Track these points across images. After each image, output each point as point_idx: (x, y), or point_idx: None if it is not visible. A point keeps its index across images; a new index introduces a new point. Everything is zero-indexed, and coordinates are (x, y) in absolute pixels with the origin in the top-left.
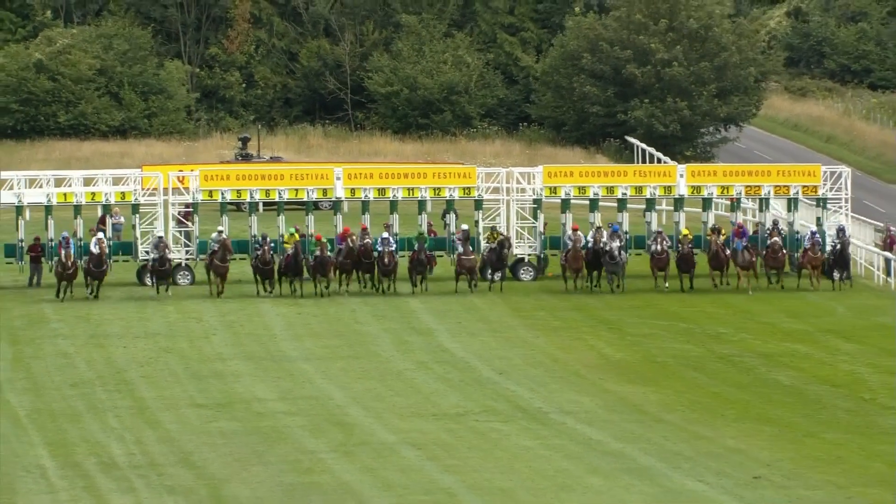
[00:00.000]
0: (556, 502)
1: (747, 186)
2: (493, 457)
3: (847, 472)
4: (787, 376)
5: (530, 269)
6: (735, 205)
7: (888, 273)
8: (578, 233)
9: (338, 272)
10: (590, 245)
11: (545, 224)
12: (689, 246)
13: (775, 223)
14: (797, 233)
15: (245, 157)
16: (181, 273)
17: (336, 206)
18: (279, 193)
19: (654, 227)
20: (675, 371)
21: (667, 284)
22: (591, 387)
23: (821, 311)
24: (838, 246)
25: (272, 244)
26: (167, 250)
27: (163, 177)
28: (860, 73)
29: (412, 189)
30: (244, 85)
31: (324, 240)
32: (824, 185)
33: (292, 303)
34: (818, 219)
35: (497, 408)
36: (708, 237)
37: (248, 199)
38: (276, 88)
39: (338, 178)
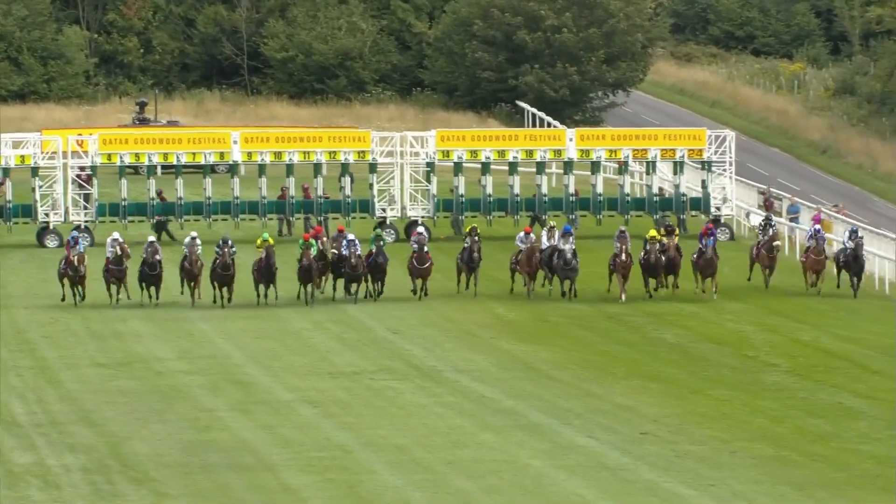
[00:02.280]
0: (450, 458)
1: (635, 150)
2: (388, 414)
3: (731, 428)
4: (674, 335)
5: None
6: (623, 168)
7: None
8: (531, 235)
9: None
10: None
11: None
12: (660, 249)
13: (768, 219)
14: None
15: (142, 122)
16: (81, 235)
17: (233, 169)
18: (177, 157)
19: (544, 189)
20: (565, 330)
21: (623, 297)
22: (484, 346)
23: None
24: (850, 248)
25: (233, 249)
26: (157, 255)
27: (62, 140)
28: (744, 39)
29: (308, 153)
30: (142, 50)
31: (311, 241)
32: (709, 148)
33: None
34: (703, 181)
35: (392, 366)
36: (651, 238)
37: (147, 163)
38: (174, 54)
39: (235, 142)
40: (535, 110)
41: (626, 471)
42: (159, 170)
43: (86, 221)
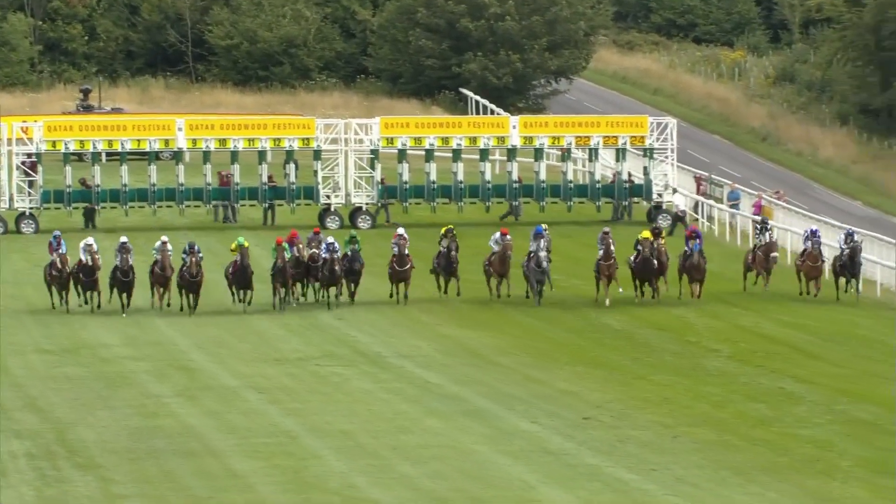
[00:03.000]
0: (395, 444)
1: (578, 137)
2: (334, 400)
3: (673, 413)
4: (618, 321)
5: (368, 217)
6: (566, 155)
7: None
8: (508, 237)
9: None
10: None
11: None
12: (651, 248)
13: (764, 222)
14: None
15: (86, 109)
16: (25, 222)
17: (177, 156)
18: (122, 144)
19: (488, 176)
20: (510, 316)
21: (608, 302)
22: (428, 332)
23: None
24: (847, 251)
25: (200, 255)
26: (130, 261)
27: (7, 127)
28: (685, 27)
29: (252, 140)
30: (87, 38)
31: (284, 245)
32: (651, 135)
33: (136, 251)
34: (645, 168)
35: (337, 353)
36: (646, 238)
37: (92, 150)
38: (119, 41)
39: (179, 129)
40: (478, 98)
41: (569, 455)
42: (104, 157)
43: (30, 208)
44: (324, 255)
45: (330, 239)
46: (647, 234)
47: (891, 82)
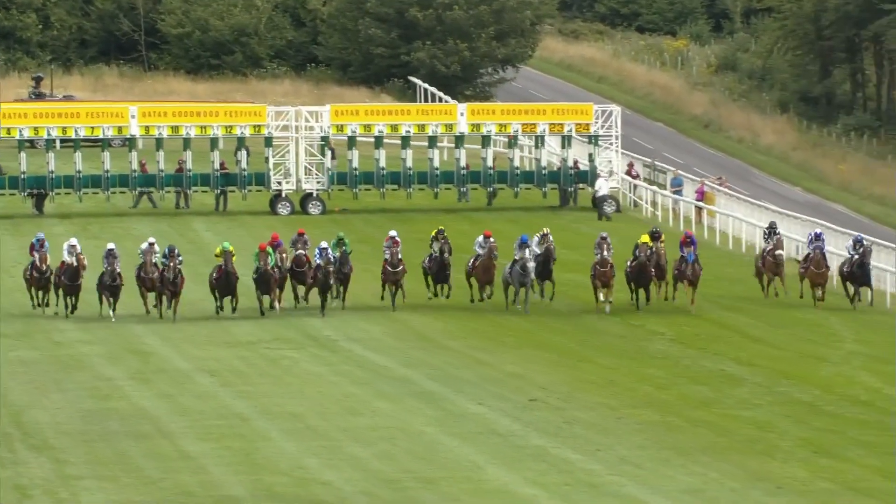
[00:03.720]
0: (345, 426)
1: (524, 124)
2: (284, 383)
3: (618, 395)
4: (564, 304)
5: (318, 203)
6: (513, 142)
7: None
8: (491, 240)
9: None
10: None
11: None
12: (648, 254)
13: (773, 225)
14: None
15: (38, 96)
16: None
17: (131, 143)
18: (76, 131)
19: (436, 163)
20: (459, 301)
21: (608, 308)
22: (378, 316)
23: (592, 242)
24: (856, 257)
25: (180, 259)
26: (117, 266)
27: None
28: (629, 16)
29: (205, 127)
30: (41, 26)
31: (268, 250)
32: (596, 122)
33: (90, 236)
34: (590, 155)
35: (288, 336)
36: (645, 243)
37: (46, 137)
38: (73, 30)
39: (133, 117)
40: (426, 85)
41: (516, 437)
42: (58, 144)
43: None
44: (317, 261)
45: (323, 244)
46: (645, 238)
47: (830, 71)
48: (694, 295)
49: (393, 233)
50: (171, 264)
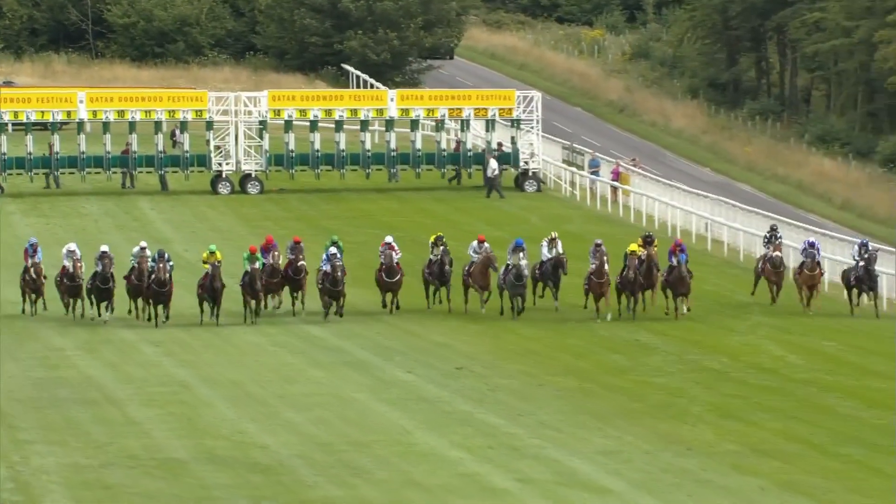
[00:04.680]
0: (281, 393)
1: (451, 109)
2: (225, 352)
3: (538, 363)
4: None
5: (257, 183)
6: (440, 126)
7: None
8: (486, 245)
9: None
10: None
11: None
12: (637, 265)
13: (774, 228)
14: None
15: None
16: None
17: (79, 126)
18: (27, 115)
19: (368, 145)
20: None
21: (609, 316)
22: (313, 289)
23: (517, 220)
24: (861, 262)
25: (171, 264)
26: (111, 268)
27: None
28: (549, 7)
29: (149, 111)
30: None
31: (258, 254)
32: (518, 107)
33: (40, 215)
34: (512, 138)
35: (229, 309)
36: (634, 252)
37: None
38: (23, 19)
39: (81, 102)
40: (358, 73)
41: (443, 403)
42: (10, 127)
43: None
44: (324, 267)
45: (332, 250)
46: (634, 246)
47: (736, 59)
48: (685, 302)
49: (389, 238)
50: (161, 265)
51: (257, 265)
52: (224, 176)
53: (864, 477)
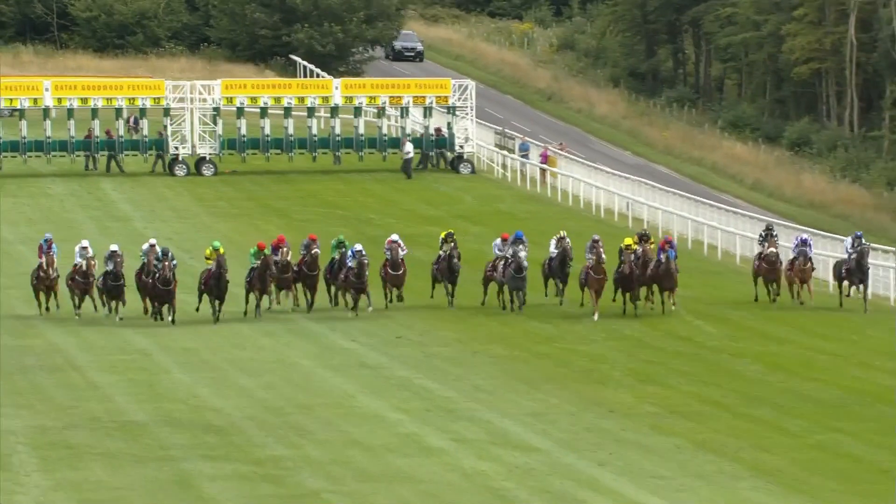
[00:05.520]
0: (232, 358)
1: (391, 97)
2: (180, 321)
3: (471, 332)
4: (424, 253)
5: (211, 166)
6: (381, 112)
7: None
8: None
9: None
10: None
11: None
12: (634, 259)
13: (769, 228)
14: None
15: None
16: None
17: (45, 112)
18: None
19: (314, 130)
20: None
21: (596, 316)
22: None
23: (453, 201)
24: (854, 255)
25: (174, 262)
26: (122, 266)
27: None
28: (481, 2)
29: (110, 99)
30: None
31: (267, 251)
32: (453, 95)
33: (9, 195)
34: (448, 123)
35: (184, 282)
36: (629, 246)
37: None
38: None
39: (46, 90)
40: (305, 63)
41: (383, 369)
42: None
43: None
44: (349, 263)
45: (358, 246)
46: (629, 241)
47: (655, 50)
48: (672, 297)
49: (395, 236)
50: (165, 263)
51: (270, 261)
52: (181, 159)
53: (770, 435)
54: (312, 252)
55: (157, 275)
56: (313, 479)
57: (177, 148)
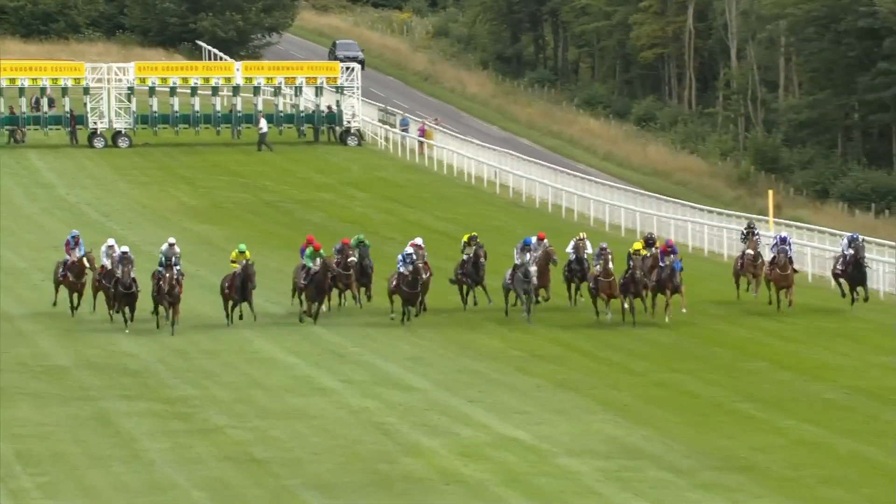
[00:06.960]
0: (146, 309)
1: (286, 78)
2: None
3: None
4: (318, 216)
5: (126, 139)
6: (277, 91)
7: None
8: (545, 241)
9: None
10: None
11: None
12: (642, 264)
13: (751, 226)
14: None
15: None
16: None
17: None
18: None
19: (218, 107)
20: (235, 214)
21: (609, 317)
22: (173, 227)
23: (341, 170)
24: (849, 256)
25: (179, 272)
26: (132, 272)
27: None
28: None
29: (36, 79)
30: None
31: (321, 252)
32: (342, 76)
33: None
34: (337, 101)
35: (99, 241)
36: (637, 251)
37: None
38: None
39: None
40: (210, 47)
41: (279, 318)
42: None
43: None
44: (400, 268)
45: (408, 250)
46: (638, 245)
47: (518, 37)
48: (680, 300)
49: (418, 240)
50: (168, 275)
51: (318, 261)
52: (99, 132)
53: (618, 375)
54: (349, 260)
55: (161, 280)
56: (219, 416)
57: (95, 123)
